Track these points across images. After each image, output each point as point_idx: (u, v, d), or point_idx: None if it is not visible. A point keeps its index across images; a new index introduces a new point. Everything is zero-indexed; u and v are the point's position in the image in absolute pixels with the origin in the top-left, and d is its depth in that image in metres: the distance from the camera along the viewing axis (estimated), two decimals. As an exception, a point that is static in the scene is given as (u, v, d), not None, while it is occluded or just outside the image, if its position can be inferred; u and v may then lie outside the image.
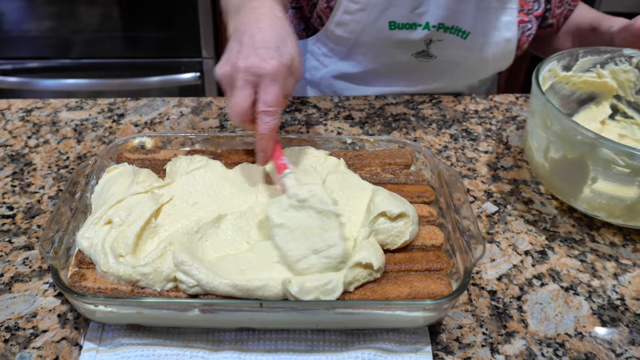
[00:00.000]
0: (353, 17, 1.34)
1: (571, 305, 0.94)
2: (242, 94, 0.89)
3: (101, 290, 0.82)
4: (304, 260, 0.83)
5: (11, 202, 1.09)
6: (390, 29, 1.34)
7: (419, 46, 1.38)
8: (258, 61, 0.89)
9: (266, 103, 0.89)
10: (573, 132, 0.96)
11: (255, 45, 0.91)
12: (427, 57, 1.41)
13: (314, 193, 0.87)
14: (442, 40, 1.37)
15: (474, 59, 1.43)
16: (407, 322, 0.86)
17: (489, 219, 1.09)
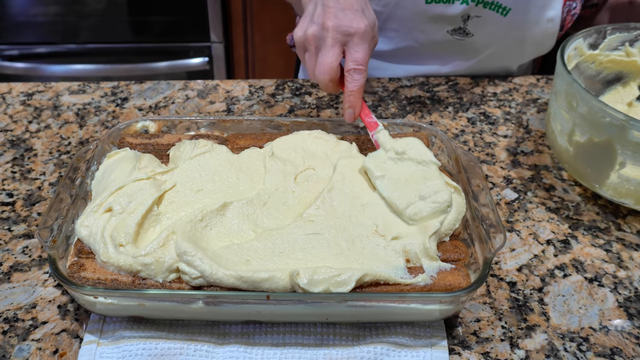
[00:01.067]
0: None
1: (596, 297, 0.89)
2: (332, 51, 0.91)
3: (101, 281, 0.78)
4: (412, 206, 0.85)
5: (11, 188, 1.05)
6: (427, 2, 1.27)
7: (455, 22, 1.31)
8: (348, 21, 0.91)
9: (356, 61, 0.92)
10: (601, 113, 0.91)
11: (342, 7, 0.93)
12: (463, 35, 1.33)
13: (411, 145, 0.92)
14: (480, 17, 1.30)
15: (513, 38, 1.35)
16: (422, 315, 0.81)
17: (509, 207, 1.04)
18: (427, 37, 1.34)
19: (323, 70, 0.92)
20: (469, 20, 1.30)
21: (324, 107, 1.28)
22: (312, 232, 0.82)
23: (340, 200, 0.87)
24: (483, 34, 1.33)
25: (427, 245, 0.80)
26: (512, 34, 1.34)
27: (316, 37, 0.92)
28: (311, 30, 0.92)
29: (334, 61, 0.91)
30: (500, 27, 1.32)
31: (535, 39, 1.35)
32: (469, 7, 1.27)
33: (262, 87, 1.34)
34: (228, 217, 0.85)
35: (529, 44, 1.37)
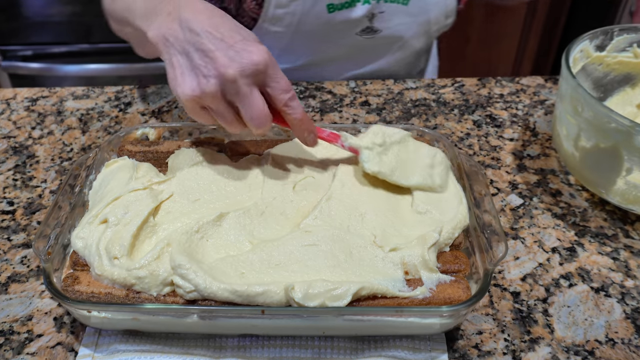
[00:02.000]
0: (287, 10, 1.24)
1: (602, 308, 0.86)
2: (256, 99, 0.79)
3: (94, 295, 0.77)
4: (435, 177, 0.89)
5: (12, 196, 1.05)
6: (330, 12, 1.24)
7: (362, 23, 1.29)
8: (247, 58, 0.77)
9: (285, 90, 0.81)
10: (606, 119, 0.88)
11: (227, 43, 0.78)
12: (372, 33, 1.32)
13: (381, 132, 0.91)
14: (384, 12, 1.29)
15: (419, 24, 1.35)
16: (422, 329, 0.79)
17: (513, 213, 1.02)
18: (337, 44, 1.33)
19: (260, 122, 0.80)
20: (374, 18, 1.29)
21: (327, 110, 1.26)
22: (309, 243, 0.80)
23: (338, 210, 0.86)
24: (391, 27, 1.32)
25: (426, 257, 0.78)
26: (417, 20, 1.34)
27: (222, 92, 0.79)
28: (210, 87, 0.78)
29: (264, 107, 0.80)
30: (405, 16, 1.32)
31: (438, 19, 1.37)
32: (372, 6, 1.27)
33: (265, 90, 1.33)
34: (225, 228, 0.84)
35: (434, 24, 1.38)
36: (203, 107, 0.82)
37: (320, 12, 1.25)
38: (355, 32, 1.31)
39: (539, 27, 2.76)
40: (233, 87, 0.78)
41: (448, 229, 0.82)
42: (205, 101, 0.80)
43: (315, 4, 1.24)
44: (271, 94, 0.82)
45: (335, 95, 1.31)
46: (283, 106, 0.82)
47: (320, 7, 1.24)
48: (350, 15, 1.26)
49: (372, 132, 0.92)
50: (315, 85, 1.34)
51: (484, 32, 2.76)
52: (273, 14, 1.25)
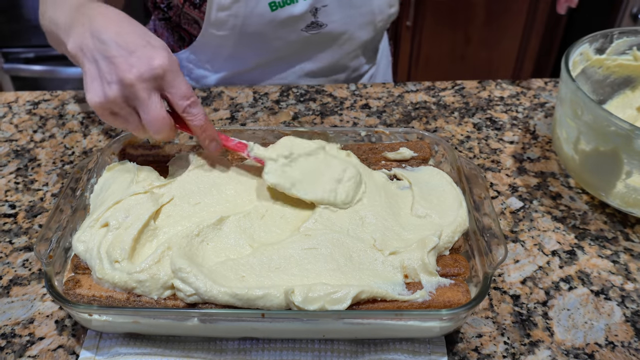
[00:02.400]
0: (229, 12, 1.24)
1: (602, 311, 0.86)
2: (152, 103, 0.81)
3: (95, 299, 0.77)
4: (339, 193, 0.87)
5: (14, 199, 1.05)
6: (272, 10, 1.24)
7: (306, 19, 1.29)
8: (146, 63, 0.80)
9: (185, 96, 0.83)
10: (606, 122, 0.88)
11: (129, 49, 0.81)
12: (317, 28, 1.31)
13: (289, 144, 0.91)
14: (327, 5, 1.28)
15: (362, 14, 1.35)
16: (422, 332, 0.80)
17: (513, 216, 1.02)
18: (284, 41, 1.33)
19: (158, 127, 0.83)
20: (317, 12, 1.29)
21: (328, 113, 1.26)
22: (309, 246, 0.81)
23: (338, 214, 0.86)
24: (335, 20, 1.32)
25: (426, 261, 0.78)
26: (360, 11, 1.34)
27: (124, 98, 0.82)
28: (112, 92, 0.81)
29: (162, 112, 0.82)
30: (348, 8, 1.31)
31: (382, 8, 1.37)
32: (313, 1, 1.26)
33: (266, 93, 1.33)
34: (225, 232, 0.84)
35: (378, 14, 1.37)
36: (112, 112, 0.84)
37: (263, 11, 1.24)
38: (301, 29, 1.31)
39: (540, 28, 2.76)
40: (132, 92, 0.81)
41: (448, 233, 0.83)
42: (110, 106, 0.83)
43: (257, 4, 1.23)
44: (171, 100, 0.84)
45: (335, 98, 1.31)
46: (183, 112, 0.84)
47: (263, 6, 1.24)
48: (293, 12, 1.26)
49: (281, 144, 0.91)
50: (315, 88, 1.34)
51: (485, 33, 2.76)
52: (216, 17, 1.25)
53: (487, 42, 2.80)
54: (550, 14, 2.73)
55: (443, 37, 2.77)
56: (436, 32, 2.75)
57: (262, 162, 0.90)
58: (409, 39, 2.76)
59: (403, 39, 2.75)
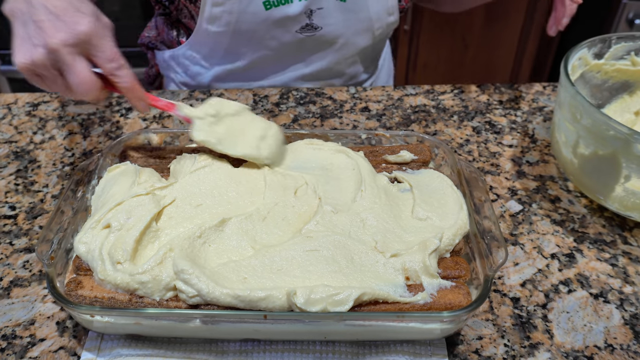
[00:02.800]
0: (223, 8, 1.24)
1: (601, 314, 0.87)
2: (78, 67, 0.84)
3: (97, 300, 0.78)
4: (261, 150, 0.94)
5: (14, 201, 1.05)
6: (267, 8, 1.24)
7: (301, 20, 1.29)
8: (71, 28, 0.82)
9: (110, 59, 0.86)
10: (605, 126, 0.89)
11: (56, 14, 0.83)
12: (312, 30, 1.31)
13: (217, 104, 0.95)
14: (322, 8, 1.28)
15: (359, 20, 1.34)
16: (423, 334, 0.80)
17: (513, 219, 1.02)
18: (279, 42, 1.33)
19: (84, 89, 0.85)
20: (312, 14, 1.29)
21: (328, 116, 1.27)
22: (311, 248, 0.81)
23: (339, 215, 0.86)
24: (330, 24, 1.32)
25: (427, 263, 0.78)
26: (357, 17, 1.33)
27: (50, 61, 0.83)
28: (38, 55, 0.82)
29: (87, 75, 0.84)
30: (344, 12, 1.31)
31: (380, 16, 1.35)
32: (309, 2, 1.26)
33: (266, 96, 1.34)
34: (227, 233, 0.84)
35: (376, 22, 1.36)
36: (38, 74, 0.86)
37: (257, 9, 1.25)
38: (296, 30, 1.31)
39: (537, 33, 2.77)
40: (57, 56, 0.83)
41: (449, 235, 0.83)
42: (36, 69, 0.84)
43: (251, 2, 1.24)
44: (98, 63, 0.86)
45: (335, 101, 1.32)
46: (110, 75, 0.88)
47: (257, 4, 1.24)
48: (287, 12, 1.26)
49: (208, 103, 0.96)
50: (315, 91, 1.35)
51: (482, 38, 2.77)
52: (210, 12, 1.26)
53: (484, 47, 2.81)
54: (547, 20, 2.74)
55: (441, 41, 2.78)
56: (434, 36, 2.76)
57: (190, 121, 0.94)
58: (406, 43, 2.76)
59: (401, 43, 2.76)
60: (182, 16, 1.35)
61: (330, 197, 0.89)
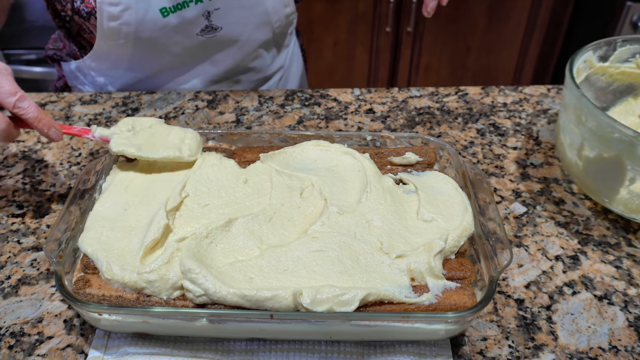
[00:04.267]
0: (121, 21, 1.23)
1: (605, 316, 0.87)
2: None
3: (105, 298, 0.78)
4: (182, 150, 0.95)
5: (21, 200, 1.06)
6: (164, 16, 1.24)
7: (200, 22, 1.29)
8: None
9: (10, 93, 0.87)
10: (610, 129, 0.90)
11: None
12: (212, 31, 1.32)
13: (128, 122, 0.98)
14: (219, 8, 1.29)
15: (257, 15, 1.35)
16: (428, 335, 0.81)
17: (517, 221, 1.03)
18: (181, 46, 1.33)
19: None
20: (210, 15, 1.29)
21: (332, 118, 1.27)
22: (316, 249, 0.81)
23: (345, 216, 0.87)
24: (230, 23, 1.33)
25: (432, 264, 0.79)
26: (254, 12, 1.34)
27: None
28: None
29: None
30: (241, 10, 1.32)
31: (276, 8, 1.38)
32: (205, 4, 1.27)
33: (271, 97, 1.34)
34: (233, 233, 0.85)
35: (273, 14, 1.38)
36: None
37: (154, 17, 1.24)
38: (196, 33, 1.31)
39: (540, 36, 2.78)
40: None
41: (454, 237, 0.83)
42: None
43: (148, 11, 1.23)
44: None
45: (340, 103, 1.32)
46: (14, 109, 0.88)
47: (154, 12, 1.24)
48: (185, 16, 1.26)
49: (122, 122, 0.98)
50: (320, 93, 1.35)
51: (485, 41, 2.78)
52: (108, 26, 1.24)
53: (487, 50, 2.81)
54: (550, 22, 2.75)
55: (443, 43, 2.79)
56: (436, 38, 2.77)
57: (107, 141, 0.96)
58: (409, 45, 2.77)
59: (404, 45, 2.77)
60: (83, 32, 1.34)
61: (336, 198, 0.90)
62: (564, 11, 2.74)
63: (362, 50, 2.82)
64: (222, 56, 1.39)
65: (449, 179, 0.94)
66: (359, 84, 2.94)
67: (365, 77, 2.93)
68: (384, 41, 2.77)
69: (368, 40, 2.77)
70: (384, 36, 2.75)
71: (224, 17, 1.31)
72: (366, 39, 2.77)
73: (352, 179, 0.94)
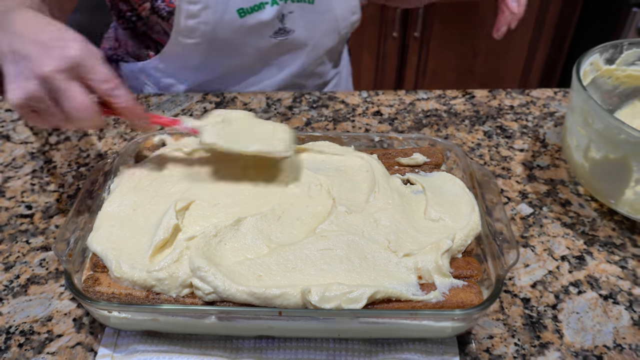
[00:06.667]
0: (199, 20, 1.26)
1: (610, 315, 0.88)
2: (75, 91, 0.79)
3: (115, 296, 0.79)
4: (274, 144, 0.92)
5: (30, 200, 1.07)
6: (241, 17, 1.27)
7: (274, 25, 1.32)
8: (61, 55, 0.79)
9: (105, 80, 0.82)
10: (617, 130, 0.90)
11: (44, 44, 0.80)
12: (285, 34, 1.35)
13: (220, 114, 0.95)
14: (293, 12, 1.32)
15: (327, 21, 1.38)
16: (435, 332, 0.81)
17: (524, 222, 1.03)
18: (254, 48, 1.35)
19: (81, 115, 0.80)
20: (284, 18, 1.32)
21: (340, 120, 1.28)
22: (325, 247, 0.82)
23: (353, 216, 0.88)
24: (302, 27, 1.36)
25: (440, 263, 0.79)
26: (324, 18, 1.37)
27: (44, 91, 0.80)
28: (31, 87, 0.79)
29: (84, 98, 0.80)
30: (313, 14, 1.35)
31: (344, 15, 1.40)
32: (280, 7, 1.30)
33: (279, 99, 1.35)
34: (242, 232, 0.86)
35: (341, 21, 1.41)
36: (34, 110, 0.83)
37: (232, 18, 1.27)
38: (269, 35, 1.34)
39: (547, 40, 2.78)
40: (51, 85, 0.79)
41: (461, 236, 0.84)
42: (31, 103, 0.81)
43: (226, 11, 1.26)
44: (92, 85, 0.82)
45: (347, 105, 1.33)
46: (106, 96, 0.83)
47: (231, 12, 1.26)
48: (261, 18, 1.29)
49: (213, 115, 0.96)
50: (328, 95, 1.36)
51: (492, 46, 2.78)
52: (185, 25, 1.27)
53: (494, 54, 2.82)
54: (558, 27, 2.75)
55: (450, 48, 2.79)
56: (443, 43, 2.78)
57: (197, 132, 0.94)
58: (416, 50, 2.78)
59: (411, 49, 2.78)
60: (153, 32, 1.36)
61: (344, 197, 0.91)
62: (570, 17, 2.74)
63: (368, 56, 2.83)
64: (290, 60, 1.42)
65: (456, 179, 0.95)
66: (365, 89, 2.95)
67: (372, 81, 2.94)
68: (391, 46, 2.77)
69: (375, 45, 2.78)
70: (390, 41, 2.75)
71: (296, 20, 1.34)
72: (373, 44, 2.78)
73: (361, 179, 0.94)
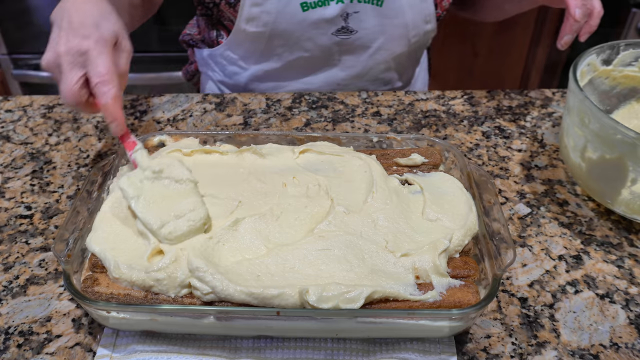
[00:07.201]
0: (262, 8, 1.28)
1: (607, 314, 0.88)
2: (69, 75, 0.91)
3: (114, 296, 0.79)
4: (167, 225, 0.83)
5: (29, 201, 1.07)
6: (304, 10, 1.28)
7: (337, 22, 1.32)
8: (78, 41, 0.91)
9: (98, 74, 0.91)
10: (612, 131, 0.91)
11: (73, 27, 0.92)
12: (347, 33, 1.34)
13: (167, 164, 0.91)
14: (358, 12, 1.31)
15: (395, 26, 1.36)
16: (432, 332, 0.82)
17: (521, 221, 1.04)
18: (314, 43, 1.36)
19: (66, 96, 0.93)
20: (348, 17, 1.32)
21: (339, 120, 1.28)
22: (323, 248, 0.83)
23: (351, 216, 0.88)
24: (366, 28, 1.35)
25: (437, 262, 0.80)
26: (393, 22, 1.35)
27: (55, 64, 0.93)
28: (49, 58, 0.93)
29: (73, 85, 0.92)
30: (380, 17, 1.33)
31: (416, 23, 1.38)
32: (345, 5, 1.29)
33: (279, 100, 1.35)
34: (241, 232, 0.86)
35: (412, 29, 1.38)
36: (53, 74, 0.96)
37: (294, 10, 1.28)
38: (332, 32, 1.33)
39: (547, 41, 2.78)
40: (59, 62, 0.92)
41: (458, 236, 0.84)
42: (49, 69, 0.95)
43: (289, 3, 1.27)
44: (88, 76, 0.93)
45: (347, 105, 1.33)
46: (93, 88, 0.93)
47: (295, 5, 1.27)
48: (324, 14, 1.29)
49: (163, 160, 0.92)
50: (327, 95, 1.37)
51: (492, 46, 2.78)
52: (249, 12, 1.29)
53: (494, 55, 2.82)
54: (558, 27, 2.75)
55: (450, 49, 2.79)
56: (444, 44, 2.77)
57: (135, 166, 0.94)
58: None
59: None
60: (223, 19, 1.40)
61: (342, 198, 0.91)
62: (570, 16, 2.74)
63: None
64: (351, 61, 1.42)
65: (454, 179, 0.95)
66: (364, 89, 2.95)
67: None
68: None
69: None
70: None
71: (361, 21, 1.33)
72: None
73: (359, 179, 0.95)
